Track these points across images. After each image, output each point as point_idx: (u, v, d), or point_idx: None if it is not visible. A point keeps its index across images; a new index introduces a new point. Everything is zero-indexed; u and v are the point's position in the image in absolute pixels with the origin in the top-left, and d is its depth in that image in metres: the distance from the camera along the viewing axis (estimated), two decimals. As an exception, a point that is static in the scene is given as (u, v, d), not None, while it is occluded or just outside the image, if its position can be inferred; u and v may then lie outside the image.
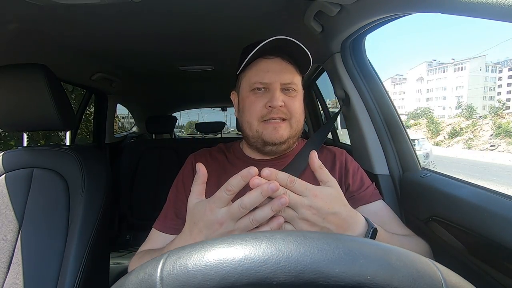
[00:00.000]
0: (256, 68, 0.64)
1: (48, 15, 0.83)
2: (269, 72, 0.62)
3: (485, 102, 58.41)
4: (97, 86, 1.73)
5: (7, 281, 0.74)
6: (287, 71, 0.64)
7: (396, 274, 0.20)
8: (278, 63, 0.63)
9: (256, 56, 0.62)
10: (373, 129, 0.90)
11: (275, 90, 0.62)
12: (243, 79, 0.67)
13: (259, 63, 0.64)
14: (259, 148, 0.67)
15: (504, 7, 0.35)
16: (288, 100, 0.63)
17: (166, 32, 1.04)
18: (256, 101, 0.63)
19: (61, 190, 0.81)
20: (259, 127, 0.64)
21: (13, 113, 0.83)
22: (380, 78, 0.92)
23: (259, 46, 0.58)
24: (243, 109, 0.67)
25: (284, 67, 0.64)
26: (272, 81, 0.62)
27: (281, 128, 0.63)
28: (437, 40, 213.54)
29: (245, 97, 0.66)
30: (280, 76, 0.62)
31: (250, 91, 0.64)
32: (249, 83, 0.65)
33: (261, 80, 0.63)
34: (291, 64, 0.65)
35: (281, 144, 0.64)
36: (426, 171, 0.80)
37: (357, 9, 0.68)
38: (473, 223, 0.54)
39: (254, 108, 0.64)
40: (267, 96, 0.63)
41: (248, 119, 0.65)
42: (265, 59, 0.63)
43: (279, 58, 0.64)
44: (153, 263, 0.22)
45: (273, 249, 0.21)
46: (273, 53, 0.63)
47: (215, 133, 3.09)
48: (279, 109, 0.62)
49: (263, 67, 0.63)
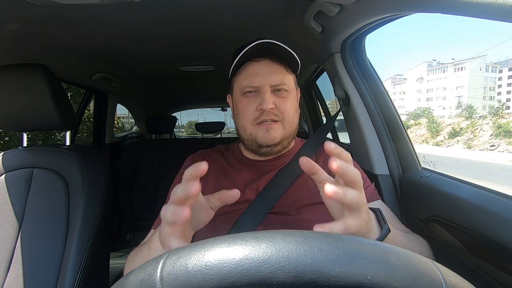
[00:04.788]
0: (245, 72, 0.64)
1: (48, 15, 0.83)
2: (258, 75, 0.62)
3: (485, 102, 58.42)
4: (97, 86, 1.73)
5: (7, 281, 0.74)
6: (276, 72, 0.63)
7: (396, 274, 0.20)
8: (267, 65, 0.63)
9: (245, 60, 0.62)
10: (373, 129, 0.90)
11: (265, 93, 0.62)
12: (234, 83, 0.68)
13: (248, 66, 0.64)
14: (254, 150, 0.67)
15: (504, 7, 0.35)
16: (279, 102, 0.63)
17: (166, 32, 1.04)
18: (248, 104, 0.64)
19: (61, 190, 0.81)
20: (253, 130, 0.64)
21: (13, 113, 0.83)
22: (380, 78, 0.92)
23: (244, 51, 0.59)
24: (237, 113, 0.67)
25: (273, 68, 0.63)
26: (261, 84, 0.62)
27: (273, 130, 0.63)
28: (437, 40, 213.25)
29: (238, 101, 0.66)
30: (269, 78, 0.62)
31: (242, 95, 0.65)
32: (239, 87, 0.65)
33: (250, 84, 0.63)
34: (281, 65, 0.64)
35: (275, 146, 0.64)
36: (426, 171, 0.80)
37: (357, 9, 0.68)
38: (473, 223, 0.54)
39: (246, 112, 0.64)
40: (258, 99, 0.63)
41: (242, 122, 0.66)
42: (254, 62, 0.64)
43: (267, 59, 0.63)
44: (153, 263, 0.22)
45: (273, 249, 0.21)
46: (261, 55, 0.63)
47: (215, 133, 3.09)
48: (270, 111, 0.62)
49: (252, 71, 0.63)
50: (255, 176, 0.66)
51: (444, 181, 0.70)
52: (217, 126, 3.04)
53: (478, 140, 23.80)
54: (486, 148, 21.76)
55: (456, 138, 26.15)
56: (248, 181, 0.66)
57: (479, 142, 23.40)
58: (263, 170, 0.68)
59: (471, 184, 0.64)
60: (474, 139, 24.17)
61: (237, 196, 0.41)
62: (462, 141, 24.97)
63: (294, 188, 0.64)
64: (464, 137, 25.36)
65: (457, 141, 25.64)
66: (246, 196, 0.63)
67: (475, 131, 24.95)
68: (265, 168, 0.68)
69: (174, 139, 2.70)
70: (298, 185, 0.65)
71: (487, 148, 21.69)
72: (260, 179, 0.66)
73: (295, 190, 0.64)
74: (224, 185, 0.65)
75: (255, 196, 0.63)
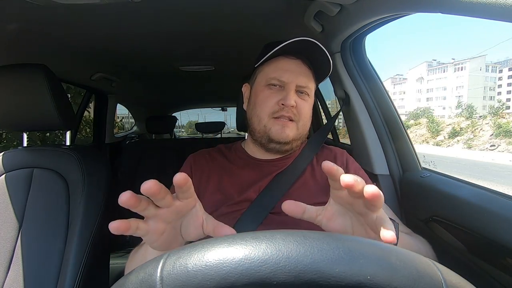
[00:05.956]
0: (275, 65, 0.65)
1: (48, 15, 0.83)
2: (288, 72, 0.63)
3: (485, 102, 58.42)
4: (97, 86, 1.73)
5: (7, 281, 0.74)
6: (305, 75, 0.65)
7: (396, 274, 0.20)
8: (298, 65, 0.64)
9: (277, 54, 0.63)
10: (373, 129, 0.91)
11: (290, 90, 0.63)
12: (259, 73, 0.68)
13: (279, 60, 0.65)
14: (263, 144, 0.67)
15: (504, 7, 0.35)
16: (300, 102, 0.64)
17: (166, 32, 1.04)
18: (270, 96, 0.64)
19: (61, 190, 0.81)
20: (268, 122, 0.64)
21: (13, 113, 0.83)
22: (380, 78, 0.92)
23: (283, 44, 0.59)
24: (254, 102, 0.67)
25: (303, 70, 0.65)
26: (289, 80, 0.63)
27: (288, 128, 0.63)
28: (437, 40, 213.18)
29: (259, 91, 0.66)
30: (298, 77, 0.63)
31: (266, 85, 0.65)
32: (266, 78, 0.65)
33: (279, 78, 0.63)
34: (310, 69, 0.66)
35: (285, 144, 0.65)
36: (426, 171, 0.80)
37: (357, 9, 0.68)
38: (473, 223, 0.54)
39: (266, 103, 0.64)
40: (281, 93, 0.63)
41: (259, 113, 0.65)
42: (286, 58, 0.64)
43: (300, 60, 0.65)
44: (153, 263, 0.22)
45: (273, 249, 0.21)
46: (295, 54, 0.64)
47: (215, 133, 3.09)
48: (291, 109, 0.63)
49: (283, 66, 0.64)
50: (257, 176, 0.66)
51: (444, 181, 0.70)
52: (217, 126, 3.05)
53: (478, 140, 23.80)
54: (486, 148, 21.76)
55: (456, 138, 26.15)
56: (250, 180, 0.66)
57: (479, 142, 23.40)
58: (266, 170, 0.67)
59: (471, 184, 0.64)
60: (474, 139, 24.17)
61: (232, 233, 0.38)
62: (462, 141, 24.97)
63: (295, 188, 0.64)
64: (464, 137, 25.36)
65: (457, 141, 25.64)
66: (247, 195, 0.63)
67: (475, 131, 24.95)
68: (268, 168, 0.68)
69: (174, 139, 2.70)
70: (299, 186, 0.65)
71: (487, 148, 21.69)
72: (262, 179, 0.66)
73: (296, 191, 0.64)
74: (226, 184, 0.65)
75: (256, 195, 0.63)
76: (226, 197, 0.63)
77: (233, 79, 1.59)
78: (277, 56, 0.64)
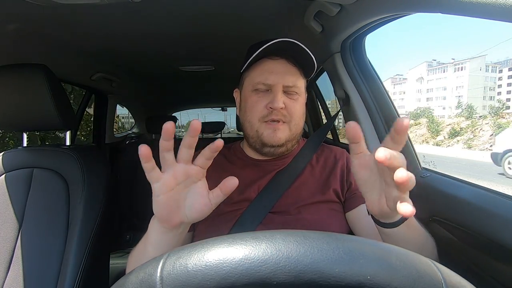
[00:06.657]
0: (260, 68, 0.64)
1: (48, 15, 0.83)
2: (273, 74, 0.62)
3: (485, 102, 58.41)
4: (97, 86, 1.73)
5: (7, 281, 0.74)
6: (290, 74, 0.63)
7: (396, 274, 0.20)
8: (282, 65, 0.63)
9: (260, 56, 0.62)
10: (373, 129, 0.90)
11: (277, 92, 0.62)
12: (246, 78, 0.67)
13: (263, 63, 0.64)
14: (257, 149, 0.67)
15: (504, 7, 0.35)
16: (289, 103, 0.63)
17: (166, 32, 1.04)
18: (258, 101, 0.63)
19: (61, 190, 0.81)
20: (260, 127, 0.64)
21: (13, 113, 0.83)
22: (380, 78, 0.92)
23: (264, 47, 0.58)
24: (245, 108, 0.67)
25: (288, 69, 0.63)
26: (275, 82, 0.62)
27: (279, 131, 0.63)
28: (437, 40, 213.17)
29: (247, 96, 0.66)
30: (284, 78, 0.62)
31: (253, 90, 0.64)
32: (252, 82, 0.65)
33: (264, 81, 0.62)
34: (296, 67, 0.64)
35: (278, 147, 0.64)
36: (426, 171, 0.80)
37: (357, 9, 0.68)
38: (473, 223, 0.54)
39: (255, 108, 0.64)
40: (269, 96, 0.63)
41: (250, 118, 0.65)
42: (270, 60, 0.63)
43: (284, 59, 0.63)
44: (153, 263, 0.22)
45: (273, 249, 0.21)
46: (278, 54, 0.63)
47: (215, 133, 3.08)
48: (280, 111, 0.62)
49: (267, 68, 0.63)
50: (256, 175, 0.66)
51: (444, 181, 0.70)
52: (217, 126, 3.04)
53: (478, 140, 23.79)
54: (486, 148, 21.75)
55: (456, 138, 26.14)
56: (249, 180, 0.65)
57: (479, 142, 23.39)
58: (265, 169, 0.67)
59: (471, 184, 0.64)
60: (474, 139, 24.15)
61: (235, 183, 0.42)
62: (462, 141, 24.96)
63: (295, 187, 0.64)
64: (464, 137, 25.34)
65: (457, 141, 25.63)
66: (247, 195, 0.63)
67: (475, 131, 24.93)
68: (267, 167, 0.68)
69: (174, 139, 2.69)
70: (299, 185, 0.65)
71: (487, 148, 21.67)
72: (261, 179, 0.65)
73: (296, 190, 0.64)
74: None
75: (256, 195, 0.63)
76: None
77: (233, 79, 1.58)
78: (261, 59, 0.63)
